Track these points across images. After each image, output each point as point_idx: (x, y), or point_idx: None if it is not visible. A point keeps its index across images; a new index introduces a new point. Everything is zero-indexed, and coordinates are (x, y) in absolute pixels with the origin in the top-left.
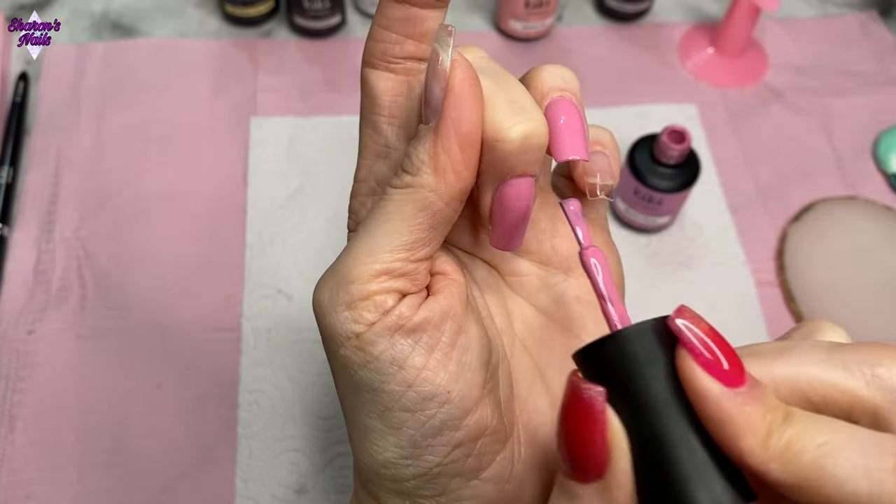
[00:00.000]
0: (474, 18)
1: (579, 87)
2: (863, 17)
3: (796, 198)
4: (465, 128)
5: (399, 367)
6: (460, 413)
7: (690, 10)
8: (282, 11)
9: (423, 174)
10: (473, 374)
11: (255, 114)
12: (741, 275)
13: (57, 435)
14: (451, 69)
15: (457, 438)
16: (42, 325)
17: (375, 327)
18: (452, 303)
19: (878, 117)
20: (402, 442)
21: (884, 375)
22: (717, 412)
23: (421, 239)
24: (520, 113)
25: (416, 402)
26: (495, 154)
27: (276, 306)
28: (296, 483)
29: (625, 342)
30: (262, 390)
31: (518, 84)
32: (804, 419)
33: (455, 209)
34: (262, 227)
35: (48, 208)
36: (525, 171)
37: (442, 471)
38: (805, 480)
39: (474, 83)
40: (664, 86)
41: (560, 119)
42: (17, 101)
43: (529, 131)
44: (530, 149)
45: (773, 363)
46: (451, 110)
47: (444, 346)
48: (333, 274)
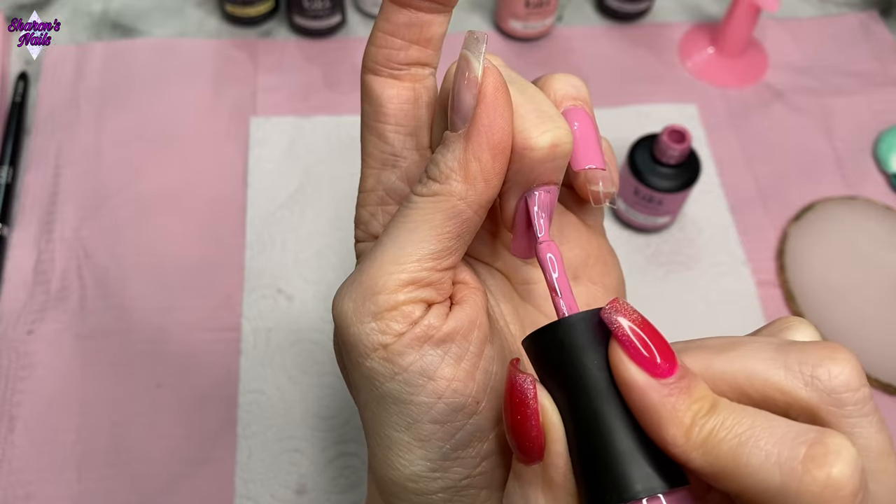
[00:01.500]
0: (474, 18)
1: (589, 94)
2: (863, 17)
3: (796, 198)
4: (498, 136)
5: (429, 379)
6: (489, 424)
7: (691, 10)
8: (282, 11)
9: (453, 182)
10: (500, 385)
11: (255, 113)
12: (741, 275)
13: (57, 435)
14: (483, 77)
15: (486, 450)
16: (42, 325)
17: (404, 338)
18: (478, 312)
19: (878, 117)
20: (430, 455)
21: (822, 377)
22: (641, 402)
23: (448, 248)
24: (548, 121)
25: (446, 413)
26: (524, 162)
27: (276, 306)
28: (296, 483)
29: (565, 331)
30: (262, 390)
31: (541, 92)
32: (728, 409)
33: (481, 217)
34: (262, 227)
35: (48, 208)
36: (551, 178)
37: (471, 483)
38: (723, 469)
39: (505, 91)
40: (664, 86)
41: (574, 127)
42: (17, 100)
43: (557, 139)
44: (558, 156)
45: (716, 357)
46: (483, 118)
47: (472, 357)
48: (357, 284)
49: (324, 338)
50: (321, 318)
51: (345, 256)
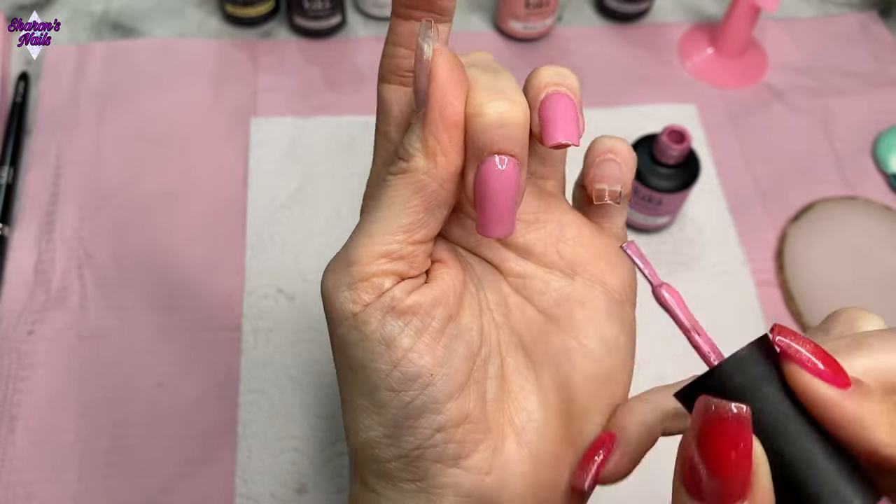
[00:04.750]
0: (474, 18)
1: (578, 84)
2: (863, 17)
3: (796, 198)
4: (448, 110)
5: (387, 347)
6: (442, 397)
7: (690, 10)
8: (282, 11)
9: (416, 159)
10: (460, 362)
11: (255, 114)
12: (741, 275)
13: (57, 435)
14: (432, 58)
15: (438, 422)
16: (42, 325)
17: (370, 307)
18: (445, 290)
19: (877, 117)
20: (384, 421)
21: None
22: (840, 414)
23: (417, 221)
24: (499, 94)
25: (401, 381)
26: (473, 129)
27: (276, 306)
28: (295, 483)
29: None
30: (262, 390)
31: (508, 76)
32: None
33: (448, 190)
34: (262, 227)
35: (48, 208)
36: (503, 147)
37: (422, 454)
38: None
39: (455, 69)
40: (664, 86)
41: (553, 108)
42: (18, 101)
43: (505, 108)
44: (506, 123)
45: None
46: (434, 95)
47: (433, 332)
48: (338, 257)
49: (324, 338)
50: (321, 318)
51: None
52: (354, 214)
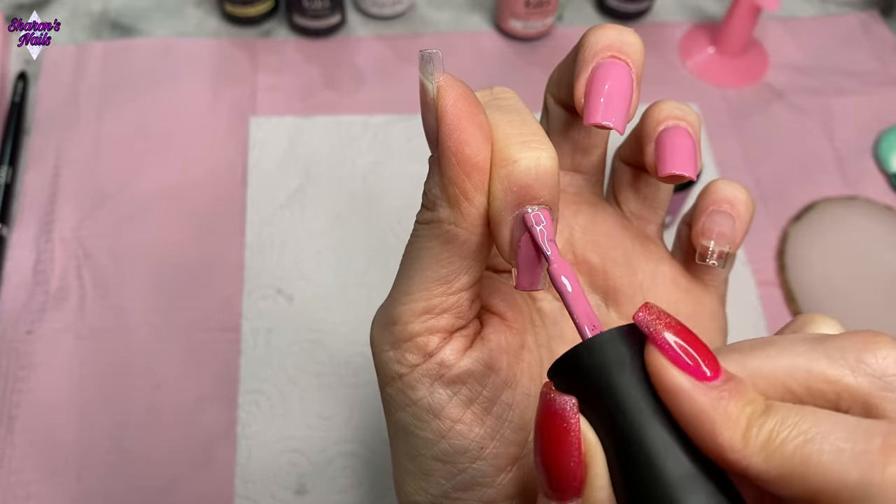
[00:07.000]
0: (474, 18)
1: (699, 122)
2: (863, 16)
3: (797, 197)
4: (466, 151)
5: (435, 416)
6: (493, 471)
7: (691, 10)
8: (281, 11)
9: (440, 208)
10: (514, 433)
11: (254, 113)
12: (741, 275)
13: (57, 435)
14: (438, 97)
15: (488, 495)
16: (41, 325)
17: (417, 371)
18: (499, 355)
19: (878, 117)
20: (431, 489)
21: (870, 361)
22: (690, 407)
23: (454, 270)
24: (529, 139)
25: (448, 453)
26: (503, 179)
27: (276, 306)
28: (295, 483)
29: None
30: (262, 390)
31: (534, 118)
32: (784, 409)
33: (481, 234)
34: (262, 227)
35: (47, 208)
36: (539, 197)
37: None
38: (790, 472)
39: (466, 104)
40: (664, 86)
41: (672, 140)
42: (17, 100)
43: (540, 156)
44: (542, 172)
45: (751, 357)
46: (446, 139)
47: (484, 401)
48: (381, 312)
49: (323, 338)
50: (321, 318)
51: (344, 256)
52: (354, 214)
